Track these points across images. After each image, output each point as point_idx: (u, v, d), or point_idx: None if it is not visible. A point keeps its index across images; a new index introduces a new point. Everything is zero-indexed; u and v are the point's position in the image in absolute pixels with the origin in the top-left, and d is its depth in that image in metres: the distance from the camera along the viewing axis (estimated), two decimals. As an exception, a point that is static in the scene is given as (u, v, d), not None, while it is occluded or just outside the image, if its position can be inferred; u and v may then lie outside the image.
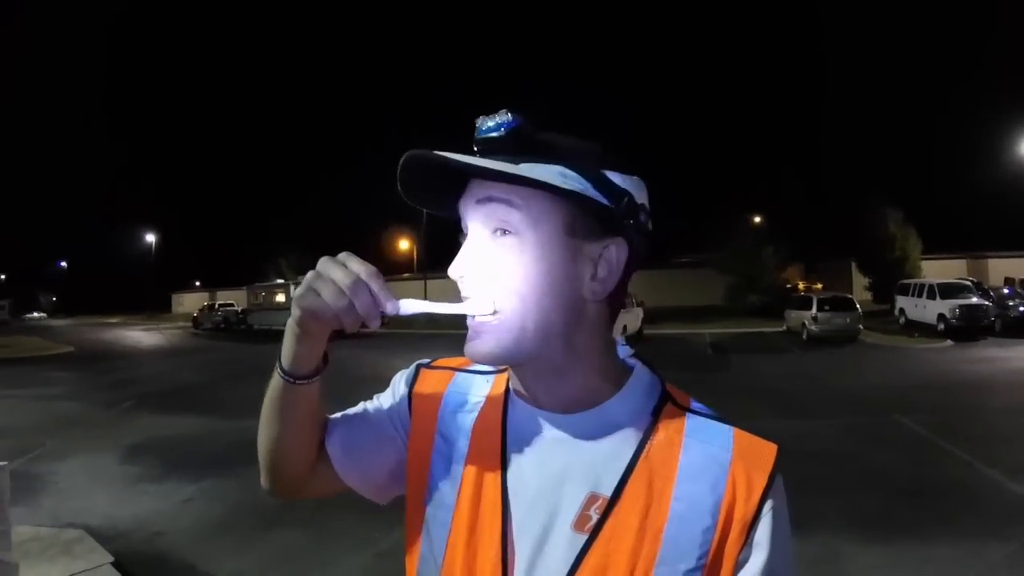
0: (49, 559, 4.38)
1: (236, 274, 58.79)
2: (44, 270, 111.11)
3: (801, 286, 40.38)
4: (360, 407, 0.95)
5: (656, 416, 0.75)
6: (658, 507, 0.69)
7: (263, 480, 0.92)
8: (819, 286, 40.92)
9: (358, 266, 0.71)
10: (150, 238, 75.45)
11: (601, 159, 0.73)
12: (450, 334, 29.63)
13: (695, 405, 0.78)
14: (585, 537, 0.69)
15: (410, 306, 0.74)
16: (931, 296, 21.72)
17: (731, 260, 33.70)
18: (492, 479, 0.76)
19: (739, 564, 0.68)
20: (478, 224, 0.73)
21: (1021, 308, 20.54)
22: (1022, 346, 17.06)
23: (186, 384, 14.35)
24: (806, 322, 21.11)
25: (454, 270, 0.74)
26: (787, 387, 11.77)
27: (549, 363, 0.74)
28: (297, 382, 0.81)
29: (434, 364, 0.94)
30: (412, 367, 0.95)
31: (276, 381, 0.83)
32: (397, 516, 0.66)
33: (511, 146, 0.70)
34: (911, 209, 33.22)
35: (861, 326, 20.86)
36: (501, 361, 0.75)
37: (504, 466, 0.77)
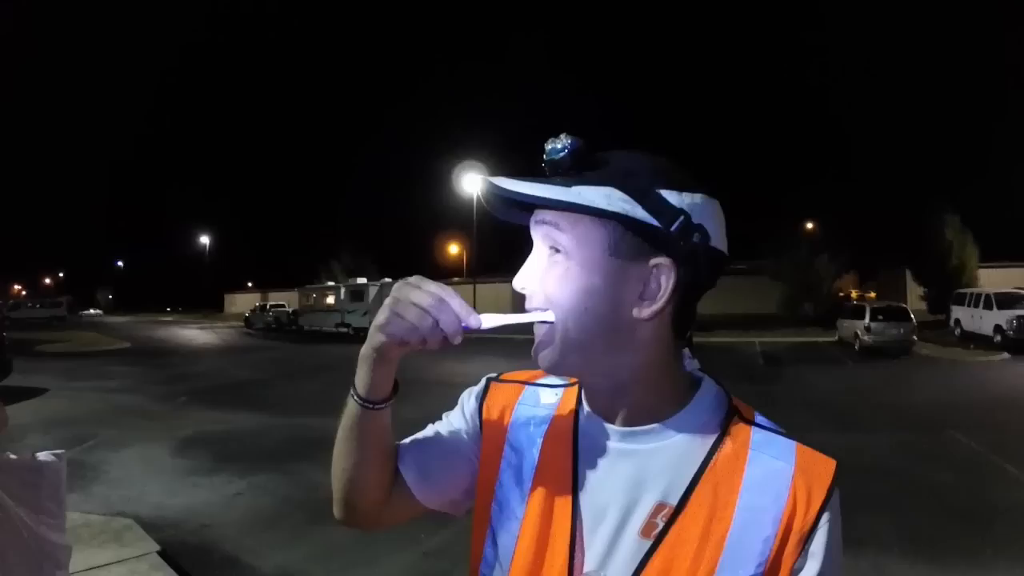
0: (99, 545, 4.51)
1: (288, 275, 59.77)
2: (102, 269, 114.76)
3: (854, 295, 39.54)
4: (429, 430, 0.98)
5: (723, 429, 0.77)
6: (722, 516, 0.72)
7: (338, 512, 0.96)
8: (872, 295, 40.00)
9: (435, 287, 0.75)
10: (204, 239, 77.45)
11: (655, 177, 0.73)
12: (500, 339, 29.73)
13: (759, 419, 0.80)
14: (650, 543, 0.73)
15: (490, 320, 0.78)
16: (987, 306, 20.98)
17: (786, 269, 33.19)
18: (562, 490, 0.80)
19: (794, 573, 0.71)
20: (538, 241, 0.79)
21: (1083, 320, 19.75)
22: (1084, 360, 16.41)
23: (238, 381, 14.68)
24: (859, 332, 20.58)
25: (518, 282, 0.80)
26: (839, 400, 11.53)
27: (605, 379, 0.78)
28: (375, 407, 0.84)
29: (503, 377, 0.98)
30: (482, 382, 0.98)
31: (352, 408, 0.85)
32: (444, 517, 0.68)
33: (571, 167, 0.74)
34: (968, 216, 32.24)
35: (915, 337, 20.24)
36: (555, 370, 0.79)
37: (575, 477, 0.80)
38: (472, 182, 40.47)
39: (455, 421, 0.95)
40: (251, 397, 12.13)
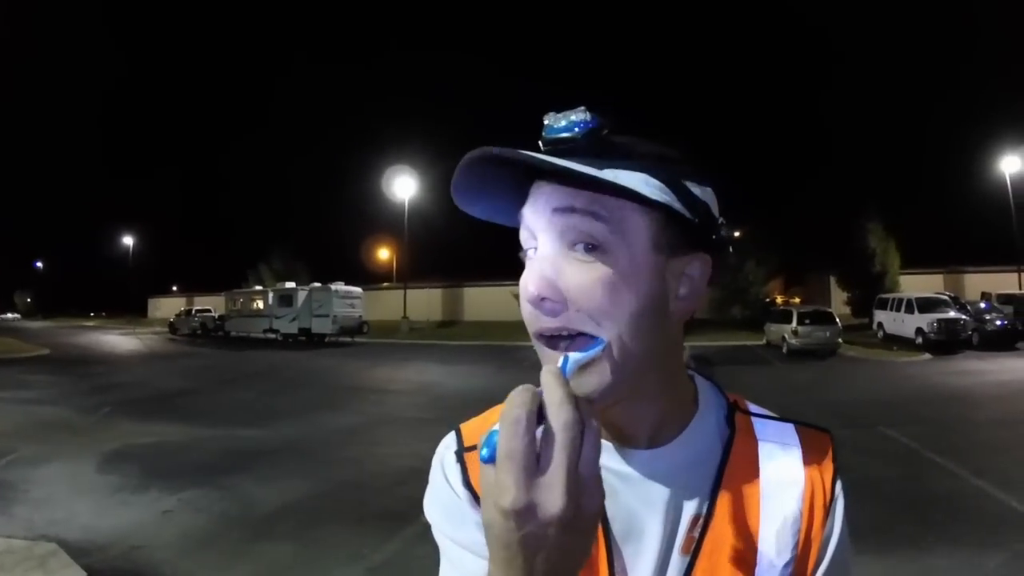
0: (23, 573, 4.23)
1: (215, 279, 58.23)
2: (20, 270, 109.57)
3: (780, 300, 40.84)
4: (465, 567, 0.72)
5: (732, 426, 0.75)
6: (750, 511, 0.70)
7: None
8: (798, 300, 41.35)
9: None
10: (128, 240, 74.83)
11: (680, 166, 0.67)
12: (432, 344, 29.58)
13: (752, 408, 0.80)
14: (688, 558, 0.68)
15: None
16: (909, 310, 22.07)
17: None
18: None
19: (824, 544, 0.71)
20: (554, 237, 0.64)
21: (997, 322, 20.96)
22: (999, 359, 17.41)
23: (166, 390, 14.12)
24: (786, 335, 21.31)
25: (533, 290, 0.62)
26: (771, 399, 11.59)
27: (645, 392, 0.68)
28: None
29: (468, 443, 0.77)
30: (452, 464, 0.76)
31: None
32: (388, 529, 0.56)
33: (585, 149, 0.63)
34: (891, 224, 33.80)
35: (841, 340, 21.13)
36: (610, 396, 0.64)
37: (604, 518, 0.68)
38: (404, 185, 40.32)
39: (459, 545, 0.72)
40: (180, 407, 11.69)
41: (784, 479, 0.72)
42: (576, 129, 0.64)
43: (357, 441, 8.75)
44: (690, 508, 0.69)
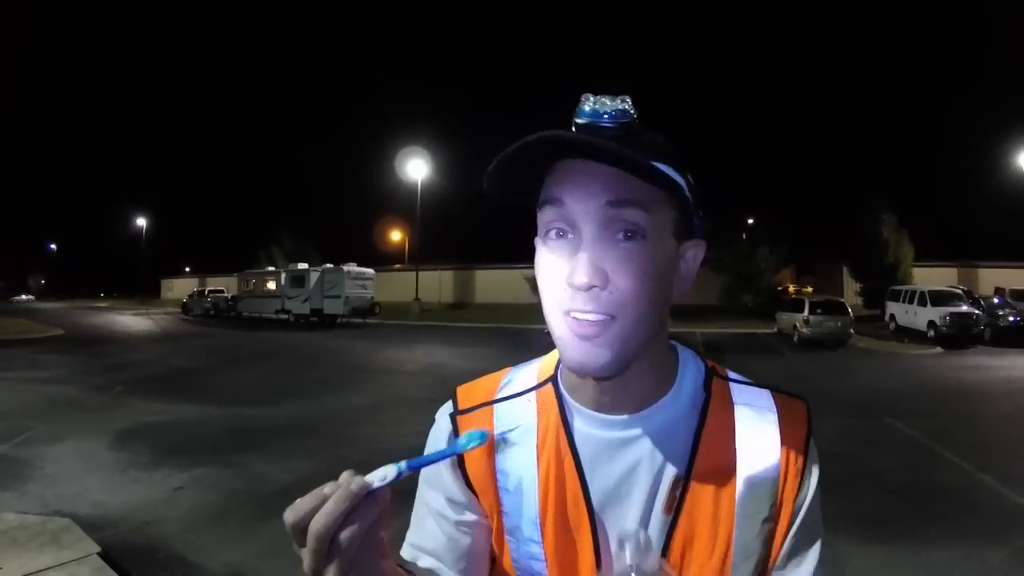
0: (36, 548, 4.28)
1: (227, 260, 58.48)
2: (33, 252, 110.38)
3: (792, 289, 40.62)
4: (426, 532, 0.85)
5: (708, 391, 0.79)
6: (727, 472, 0.74)
7: None
8: (809, 289, 41.12)
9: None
10: (141, 221, 75.24)
11: (681, 157, 0.73)
12: (442, 327, 29.61)
13: (732, 374, 0.83)
14: (671, 517, 0.73)
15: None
16: (922, 303, 21.91)
17: (727, 259, 33.79)
18: (574, 499, 0.76)
19: (798, 506, 0.75)
20: (600, 226, 0.67)
21: (1010, 318, 20.80)
22: (1011, 355, 17.27)
23: (177, 369, 14.24)
24: (797, 324, 21.21)
25: (584, 278, 0.65)
26: (780, 387, 11.72)
27: (639, 364, 0.72)
28: None
29: (462, 408, 0.85)
30: (444, 424, 0.85)
31: None
32: (395, 507, 0.59)
33: (621, 139, 0.65)
34: (905, 216, 33.55)
35: (852, 330, 21.00)
36: (615, 371, 0.69)
37: (583, 482, 0.76)
38: (417, 167, 40.18)
39: (440, 494, 0.83)
40: (191, 386, 11.77)
41: (760, 443, 0.75)
42: (621, 118, 0.67)
43: (366, 421, 8.82)
44: (671, 470, 0.74)
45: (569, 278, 0.66)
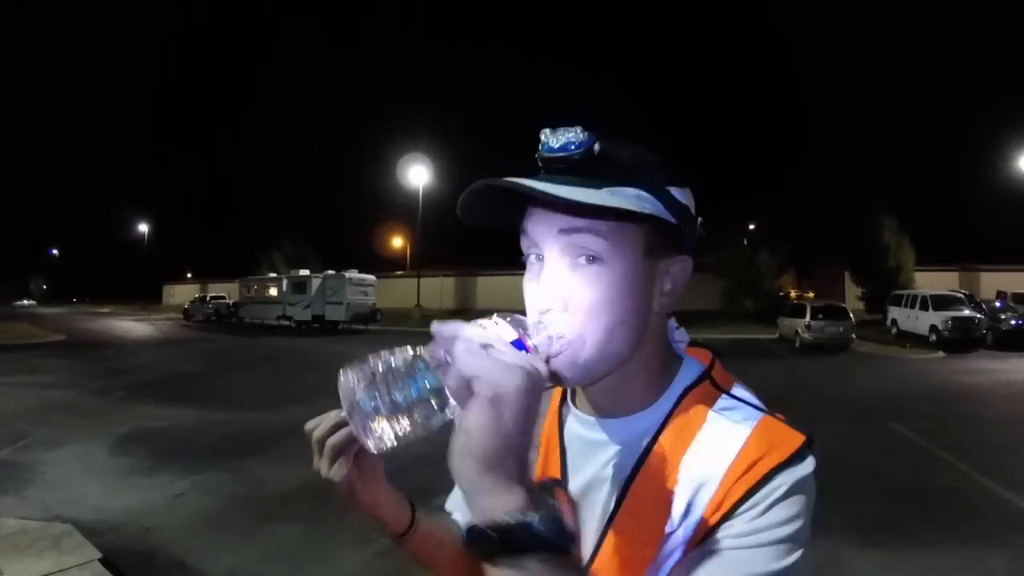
0: (37, 554, 4.27)
1: (228, 266, 58.41)
2: (35, 257, 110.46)
3: (793, 294, 40.60)
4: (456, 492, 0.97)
5: (685, 393, 0.77)
6: (672, 470, 0.71)
7: None
8: (811, 294, 41.11)
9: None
10: (143, 227, 75.31)
11: (662, 173, 0.73)
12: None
13: (737, 390, 0.79)
14: (603, 528, 0.74)
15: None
16: (924, 307, 21.87)
17: (727, 264, 33.76)
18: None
19: (718, 531, 0.66)
20: (557, 253, 0.71)
21: (1012, 322, 20.71)
22: (1013, 359, 17.25)
23: (178, 375, 14.25)
24: (799, 330, 21.20)
25: (539, 303, 0.71)
26: (782, 393, 11.66)
27: (624, 374, 0.75)
28: (400, 539, 0.88)
29: None
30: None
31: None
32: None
33: (580, 166, 0.69)
34: (906, 220, 33.54)
35: (854, 335, 21.02)
36: (583, 383, 0.76)
37: (564, 477, 0.80)
38: (418, 173, 40.24)
39: None
40: (191, 391, 11.78)
41: (717, 443, 0.70)
42: (572, 148, 0.69)
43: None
44: (620, 479, 0.75)
45: (530, 302, 0.73)
